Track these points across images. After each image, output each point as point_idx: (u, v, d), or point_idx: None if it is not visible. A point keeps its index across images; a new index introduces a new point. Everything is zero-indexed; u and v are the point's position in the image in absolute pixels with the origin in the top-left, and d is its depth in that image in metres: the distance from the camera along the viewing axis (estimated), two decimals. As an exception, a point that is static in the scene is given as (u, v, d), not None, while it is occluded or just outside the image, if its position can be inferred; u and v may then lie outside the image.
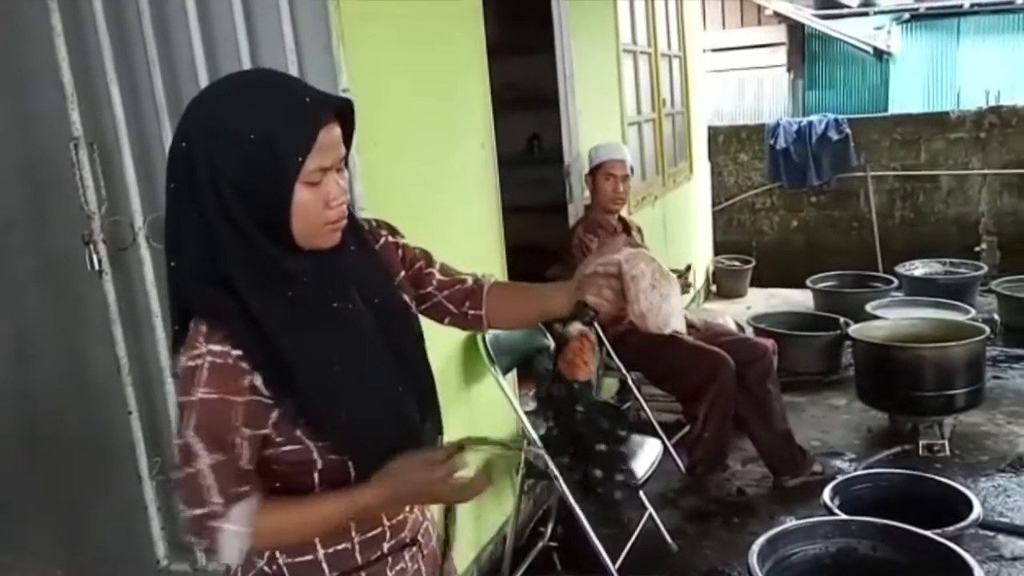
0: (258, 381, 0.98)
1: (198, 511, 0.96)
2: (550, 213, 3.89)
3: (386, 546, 1.13)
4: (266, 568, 1.09)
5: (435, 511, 1.29)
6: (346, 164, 1.05)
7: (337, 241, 1.05)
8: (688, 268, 3.43)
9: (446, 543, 1.25)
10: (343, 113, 1.03)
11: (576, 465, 1.89)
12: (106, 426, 2.15)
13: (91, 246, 1.99)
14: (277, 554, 1.08)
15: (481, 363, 2.58)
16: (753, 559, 2.11)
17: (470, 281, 1.28)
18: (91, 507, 2.29)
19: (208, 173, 0.95)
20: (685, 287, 3.39)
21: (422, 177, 2.38)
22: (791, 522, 2.39)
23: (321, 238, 1.02)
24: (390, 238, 1.22)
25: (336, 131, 1.01)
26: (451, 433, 1.21)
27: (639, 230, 3.54)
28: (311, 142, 0.96)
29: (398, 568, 1.15)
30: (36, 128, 2.09)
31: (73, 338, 2.19)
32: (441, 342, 2.43)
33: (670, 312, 1.13)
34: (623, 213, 3.48)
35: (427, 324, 1.25)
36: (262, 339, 0.97)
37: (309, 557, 1.08)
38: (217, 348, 0.97)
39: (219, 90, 1.03)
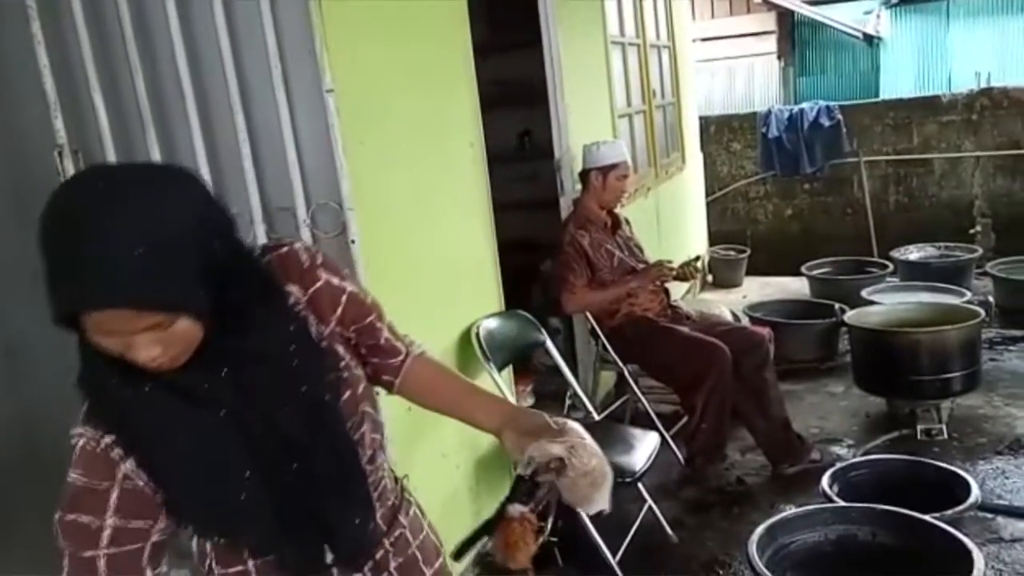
0: (131, 466, 0.94)
1: None
2: (542, 208, 3.89)
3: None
4: None
5: (411, 516, 1.24)
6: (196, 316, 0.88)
7: (183, 362, 0.91)
8: (697, 258, 3.45)
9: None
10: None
11: None
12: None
13: (80, 254, 1.98)
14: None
15: (476, 360, 2.58)
16: (753, 548, 2.11)
17: (402, 357, 1.18)
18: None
19: None
20: (693, 275, 3.41)
21: (411, 176, 2.37)
22: (790, 510, 2.39)
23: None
24: (334, 281, 1.07)
25: (122, 314, 0.84)
26: (443, 438, 1.18)
27: (627, 222, 3.55)
28: (73, 320, 0.85)
29: None
30: (19, 137, 2.08)
31: (65, 349, 2.17)
32: (434, 340, 2.43)
33: (602, 498, 1.08)
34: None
35: (425, 320, 1.23)
36: (127, 426, 0.93)
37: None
38: (90, 431, 0.94)
39: (48, 204, 0.86)
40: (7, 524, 2.31)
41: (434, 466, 2.38)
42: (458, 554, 1.15)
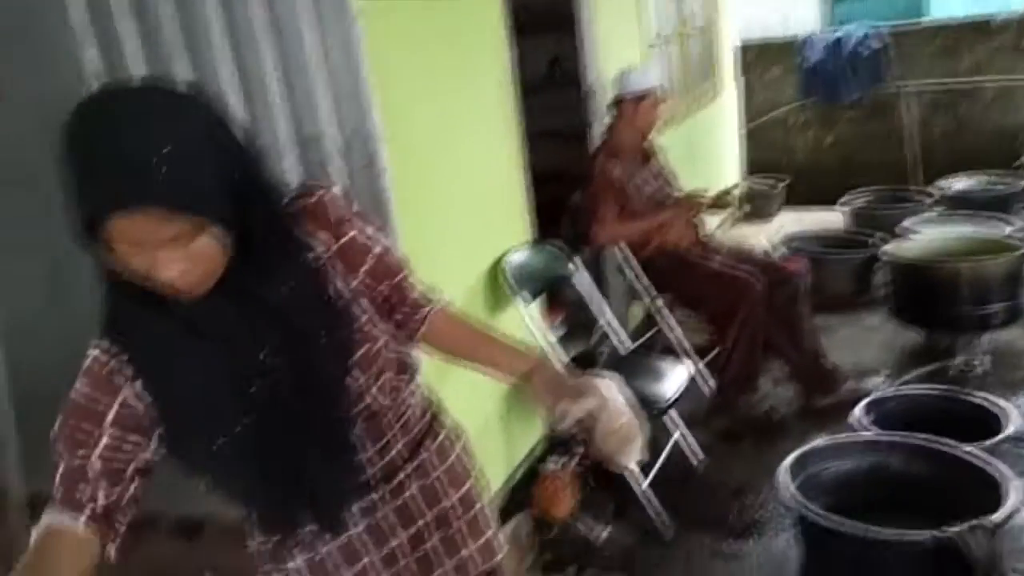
0: (137, 388, 0.96)
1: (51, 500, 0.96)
2: (572, 138, 3.82)
3: None
4: None
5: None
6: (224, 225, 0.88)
7: (203, 290, 0.91)
8: (735, 186, 3.40)
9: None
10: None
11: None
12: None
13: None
14: None
15: (505, 292, 2.59)
16: (783, 475, 2.13)
17: (427, 310, 1.19)
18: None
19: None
20: (729, 204, 3.43)
21: (440, 106, 2.34)
22: (822, 440, 2.38)
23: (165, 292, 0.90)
24: (367, 232, 1.07)
25: (150, 222, 0.83)
26: (463, 380, 1.17)
27: (660, 151, 3.48)
28: (97, 227, 0.84)
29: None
30: (50, 69, 2.08)
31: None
32: (462, 274, 2.43)
33: (633, 453, 1.11)
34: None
35: (455, 252, 1.23)
36: (139, 350, 0.96)
37: None
38: (101, 352, 0.97)
39: (73, 111, 0.87)
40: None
41: (464, 396, 2.41)
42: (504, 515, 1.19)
